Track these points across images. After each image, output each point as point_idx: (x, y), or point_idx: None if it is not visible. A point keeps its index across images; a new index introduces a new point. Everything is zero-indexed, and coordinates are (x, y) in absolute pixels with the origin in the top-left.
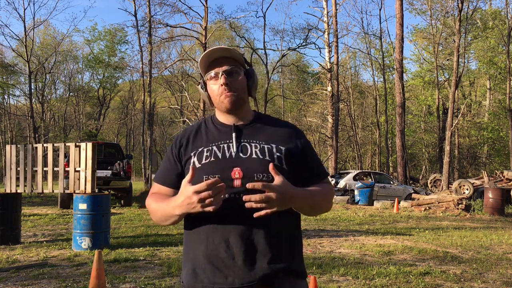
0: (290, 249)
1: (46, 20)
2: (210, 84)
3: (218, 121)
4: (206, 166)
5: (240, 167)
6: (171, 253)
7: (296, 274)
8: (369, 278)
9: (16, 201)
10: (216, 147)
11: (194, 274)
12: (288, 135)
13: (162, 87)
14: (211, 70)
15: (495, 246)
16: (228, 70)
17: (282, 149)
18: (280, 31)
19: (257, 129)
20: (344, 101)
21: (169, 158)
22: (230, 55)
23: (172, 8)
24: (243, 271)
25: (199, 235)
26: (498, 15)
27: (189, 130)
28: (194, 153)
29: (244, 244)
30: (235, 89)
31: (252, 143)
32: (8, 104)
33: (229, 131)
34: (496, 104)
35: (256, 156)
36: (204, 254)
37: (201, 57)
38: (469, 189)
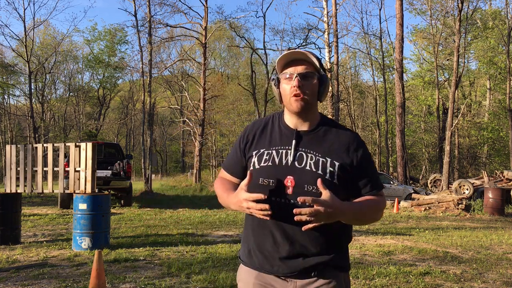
0: (332, 245)
1: (46, 20)
2: (283, 83)
3: (284, 122)
4: (263, 169)
5: (293, 176)
6: (171, 253)
7: (336, 267)
8: (369, 278)
9: (16, 201)
10: (276, 151)
11: (249, 255)
12: (346, 148)
13: (162, 87)
14: (287, 70)
15: (495, 246)
16: (302, 73)
17: (336, 164)
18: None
19: (317, 138)
20: (344, 101)
21: (236, 150)
22: (308, 59)
23: (172, 8)
24: (286, 264)
25: (254, 225)
26: (498, 15)
27: (257, 125)
28: (256, 153)
29: (288, 243)
30: (305, 93)
31: (309, 154)
32: (8, 104)
33: (291, 136)
34: (496, 104)
35: (309, 168)
36: (257, 243)
37: (280, 56)
38: (469, 189)
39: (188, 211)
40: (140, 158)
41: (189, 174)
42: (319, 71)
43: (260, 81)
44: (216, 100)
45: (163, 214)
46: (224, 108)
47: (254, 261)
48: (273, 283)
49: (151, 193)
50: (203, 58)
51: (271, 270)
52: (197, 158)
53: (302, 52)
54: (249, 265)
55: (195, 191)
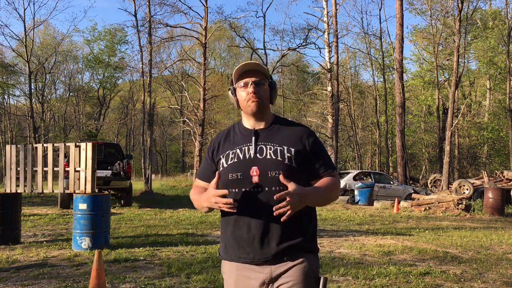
0: (299, 231)
1: (46, 20)
2: (239, 91)
3: (242, 126)
4: (231, 166)
5: (257, 166)
6: (171, 253)
7: (306, 250)
8: (369, 278)
9: (16, 201)
10: (239, 149)
11: (225, 250)
12: (299, 137)
13: (162, 87)
14: (242, 79)
15: (495, 246)
16: (256, 81)
17: (292, 150)
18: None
19: (273, 132)
20: (344, 101)
21: (206, 158)
22: (259, 69)
23: (172, 8)
24: (260, 249)
25: (229, 219)
26: (498, 15)
27: (220, 135)
28: (223, 155)
29: (262, 228)
30: (260, 96)
31: (268, 145)
32: (8, 104)
33: (250, 135)
34: (496, 104)
35: (270, 157)
36: (232, 234)
37: (236, 68)
38: (469, 189)
39: (188, 211)
40: (140, 158)
41: (189, 174)
42: (269, 78)
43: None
44: (216, 100)
45: (163, 214)
46: (224, 108)
47: (231, 254)
48: (251, 274)
49: (151, 193)
50: (203, 58)
51: (247, 258)
52: (197, 158)
53: (254, 63)
54: (227, 258)
55: None
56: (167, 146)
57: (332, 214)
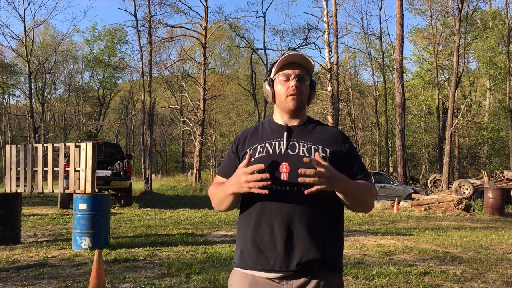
0: (327, 242)
1: (46, 20)
2: (277, 83)
3: (273, 121)
4: (258, 160)
5: (288, 162)
6: (171, 253)
7: (330, 267)
8: (369, 278)
9: (16, 201)
10: (269, 144)
11: (241, 256)
12: (335, 139)
13: (162, 87)
14: (284, 71)
15: (495, 246)
16: (299, 75)
17: (327, 151)
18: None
19: (307, 131)
20: (344, 101)
21: (229, 154)
22: (304, 64)
23: (172, 8)
24: (283, 256)
25: (249, 220)
26: (498, 15)
27: (247, 131)
28: (250, 149)
29: (286, 231)
30: (301, 92)
31: (301, 143)
32: (8, 104)
33: (282, 131)
34: (496, 104)
35: (303, 154)
36: (251, 238)
37: (280, 57)
38: (469, 189)
39: (188, 211)
40: (140, 158)
41: (189, 174)
42: (311, 75)
43: (260, 81)
44: (216, 100)
45: (163, 214)
46: (224, 108)
47: (247, 261)
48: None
49: (151, 193)
50: (203, 58)
51: (266, 265)
52: (197, 158)
53: (302, 55)
54: (242, 266)
55: (195, 191)
56: (167, 146)
57: None
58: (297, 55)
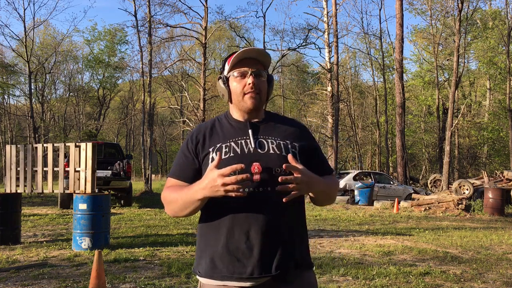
0: (300, 243)
1: (46, 20)
2: (233, 81)
3: (232, 118)
4: (225, 162)
5: (259, 162)
6: (171, 253)
7: (306, 266)
8: (369, 278)
9: (16, 201)
10: (234, 143)
11: (212, 265)
12: (300, 133)
13: (162, 87)
14: (239, 68)
15: (495, 246)
16: (256, 71)
17: (296, 145)
18: (280, 31)
19: (271, 126)
20: (344, 101)
21: (185, 153)
22: (260, 59)
23: (172, 8)
24: (261, 262)
25: (219, 227)
26: (498, 15)
27: (203, 127)
28: (213, 149)
29: (263, 236)
30: (259, 90)
31: (268, 139)
32: (8, 104)
33: (244, 128)
34: (496, 104)
35: (273, 152)
36: (224, 246)
37: (233, 54)
38: (469, 189)
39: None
40: (140, 158)
41: None
42: (267, 70)
43: None
44: (216, 100)
45: (163, 214)
46: (224, 108)
47: (221, 270)
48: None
49: (151, 193)
50: (203, 58)
51: (244, 273)
52: None
53: (257, 50)
54: (214, 277)
55: None
56: (167, 146)
57: (332, 214)
58: (253, 50)
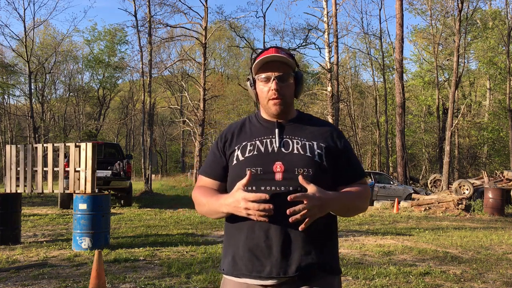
0: (325, 245)
1: (46, 20)
2: (259, 84)
3: (262, 117)
4: (249, 159)
5: (282, 162)
6: (171, 253)
7: (330, 270)
8: (369, 278)
9: (16, 201)
10: (259, 141)
11: (233, 263)
12: (329, 134)
13: (162, 87)
14: (263, 72)
15: (495, 246)
16: (280, 76)
17: (323, 146)
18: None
19: (299, 127)
20: (344, 101)
21: (214, 152)
22: (283, 60)
23: (172, 8)
24: (280, 261)
25: (241, 226)
26: (498, 15)
27: (233, 126)
28: (238, 147)
29: (283, 235)
30: (283, 95)
31: (294, 139)
32: (8, 104)
33: (272, 127)
34: (496, 104)
35: (297, 152)
36: (244, 244)
37: (257, 58)
38: (469, 189)
39: (188, 211)
40: (140, 158)
41: (189, 174)
42: (294, 69)
43: None
44: (216, 100)
45: (163, 214)
46: (224, 108)
47: (241, 267)
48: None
49: (151, 193)
50: (203, 58)
51: (262, 272)
52: (197, 158)
53: (279, 55)
54: (235, 274)
55: None
56: (167, 146)
57: None
58: (274, 57)
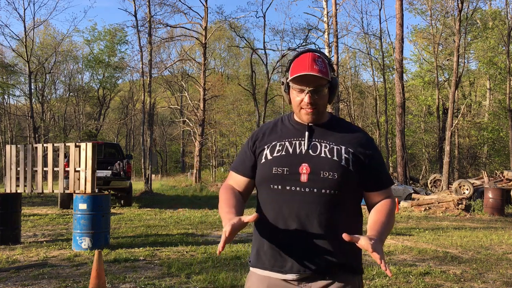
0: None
1: (46, 20)
2: (293, 92)
3: (294, 120)
4: (276, 159)
5: (308, 164)
6: (171, 253)
7: (351, 270)
8: (369, 278)
9: (16, 201)
10: (289, 142)
11: (258, 256)
12: (359, 140)
13: (162, 87)
14: (297, 84)
15: (495, 246)
16: (313, 90)
17: (350, 152)
18: (280, 31)
19: (330, 131)
20: (344, 101)
21: (245, 149)
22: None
23: (172, 8)
24: (301, 259)
25: (266, 221)
26: (498, 15)
27: (266, 126)
28: (268, 146)
29: (304, 234)
30: (316, 106)
31: (323, 143)
32: (8, 104)
33: (303, 130)
34: (496, 104)
35: (324, 155)
36: (268, 239)
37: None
38: (469, 189)
39: (188, 211)
40: (140, 158)
41: (189, 174)
42: (329, 77)
43: (260, 81)
44: (216, 100)
45: (163, 214)
46: (224, 108)
47: (264, 261)
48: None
49: (151, 193)
50: (203, 58)
51: (283, 267)
52: (197, 158)
53: (314, 75)
54: (259, 266)
55: (195, 191)
56: (167, 146)
57: None
58: (309, 77)
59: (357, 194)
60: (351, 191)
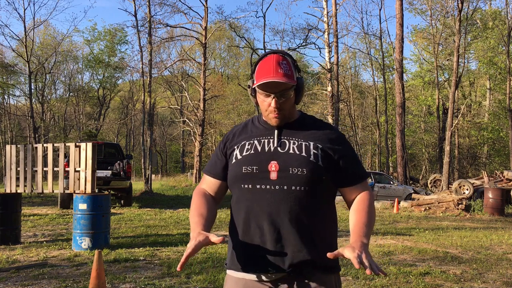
0: (320, 242)
1: (46, 20)
2: (259, 96)
3: (263, 120)
4: (246, 158)
5: (277, 161)
6: (171, 253)
7: (325, 269)
8: (369, 278)
9: (16, 201)
10: (258, 141)
11: (232, 258)
12: (328, 136)
13: (162, 87)
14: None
15: (495, 246)
16: (279, 94)
17: (319, 147)
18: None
19: (299, 128)
20: (344, 101)
21: (217, 152)
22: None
23: (172, 8)
24: (273, 258)
25: (238, 221)
26: (498, 15)
27: (236, 127)
28: (238, 146)
29: (276, 232)
30: (283, 109)
31: (291, 140)
32: (8, 104)
33: (272, 128)
34: (496, 104)
35: (293, 152)
36: (242, 239)
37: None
38: (469, 189)
39: (188, 211)
40: (140, 158)
41: (189, 174)
42: (295, 79)
43: None
44: (216, 100)
45: (163, 214)
46: (224, 108)
47: (238, 262)
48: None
49: (151, 193)
50: (203, 58)
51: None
52: (197, 158)
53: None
54: (233, 268)
55: None
56: (167, 146)
57: None
58: (272, 84)
59: (329, 189)
60: (322, 186)
